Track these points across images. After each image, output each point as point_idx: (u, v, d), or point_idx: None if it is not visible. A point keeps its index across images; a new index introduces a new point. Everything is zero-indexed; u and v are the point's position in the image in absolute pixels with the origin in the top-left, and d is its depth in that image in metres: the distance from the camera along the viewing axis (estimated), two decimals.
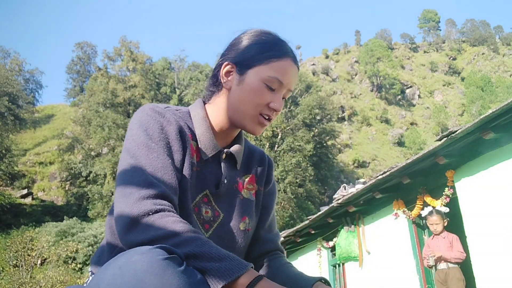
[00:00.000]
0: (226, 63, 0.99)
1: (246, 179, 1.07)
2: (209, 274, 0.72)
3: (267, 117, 0.97)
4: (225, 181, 1.00)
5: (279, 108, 0.96)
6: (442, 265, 4.29)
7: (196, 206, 0.94)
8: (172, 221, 0.78)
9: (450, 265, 4.35)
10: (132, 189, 0.81)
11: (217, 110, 1.01)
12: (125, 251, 0.68)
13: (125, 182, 0.83)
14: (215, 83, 1.02)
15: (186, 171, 0.92)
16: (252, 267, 0.75)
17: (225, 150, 1.02)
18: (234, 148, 1.03)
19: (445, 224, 4.53)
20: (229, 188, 1.02)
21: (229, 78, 0.99)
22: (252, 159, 1.11)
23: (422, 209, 5.52)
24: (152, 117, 0.91)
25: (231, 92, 0.98)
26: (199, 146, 0.97)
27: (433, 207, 4.84)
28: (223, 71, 0.99)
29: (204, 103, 1.05)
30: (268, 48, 0.96)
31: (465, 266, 4.55)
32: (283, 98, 0.99)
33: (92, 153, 33.33)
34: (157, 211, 0.78)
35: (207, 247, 0.75)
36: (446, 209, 4.85)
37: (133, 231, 0.78)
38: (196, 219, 0.93)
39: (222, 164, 1.00)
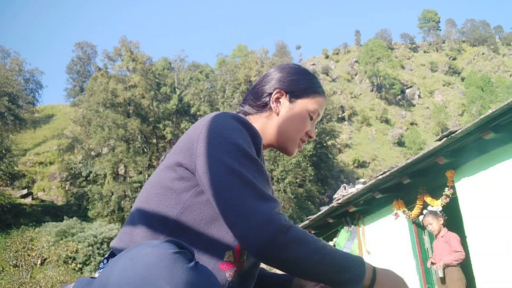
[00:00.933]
0: (278, 90, 1.11)
1: None
2: (344, 285, 0.83)
3: (303, 142, 1.15)
4: None
5: (314, 136, 1.16)
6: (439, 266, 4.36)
7: None
8: (303, 234, 0.83)
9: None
10: (262, 196, 0.81)
11: (260, 128, 1.09)
12: (137, 244, 0.70)
13: (240, 197, 0.80)
14: (262, 105, 1.11)
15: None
16: (363, 259, 0.88)
17: None
18: None
19: (441, 222, 4.51)
20: None
21: (278, 105, 1.11)
22: None
23: (422, 209, 5.53)
24: (242, 126, 0.91)
25: (280, 117, 1.10)
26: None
27: (426, 209, 4.92)
28: (274, 96, 1.11)
29: (245, 115, 1.12)
30: (314, 85, 1.14)
31: (465, 266, 4.55)
32: None
33: (92, 153, 33.35)
34: (288, 227, 0.81)
35: (336, 261, 0.83)
36: (439, 208, 4.88)
37: (277, 248, 0.78)
38: None
39: None
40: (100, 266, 0.99)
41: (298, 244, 0.80)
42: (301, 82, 1.12)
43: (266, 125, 1.10)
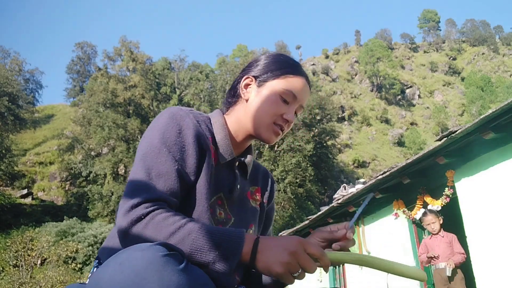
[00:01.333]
0: (246, 76, 1.08)
1: (253, 190, 1.14)
2: (214, 265, 0.76)
3: (280, 127, 1.04)
4: (238, 186, 1.05)
5: (291, 119, 1.04)
6: (441, 264, 4.22)
7: (211, 207, 0.98)
8: (162, 219, 0.79)
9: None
10: (126, 198, 0.84)
11: (234, 120, 1.08)
12: (126, 248, 0.68)
13: (127, 187, 0.87)
14: (234, 95, 1.10)
15: (205, 172, 0.95)
16: (244, 232, 0.80)
17: (239, 158, 1.08)
18: (247, 158, 1.11)
19: (441, 222, 4.49)
20: (240, 194, 1.07)
21: (247, 90, 1.07)
22: (257, 173, 1.18)
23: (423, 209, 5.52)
24: (172, 120, 0.95)
25: (249, 103, 1.06)
26: (218, 150, 1.03)
27: (425, 209, 4.87)
28: (242, 83, 1.08)
29: (223, 113, 1.11)
30: (285, 66, 1.06)
31: (465, 266, 4.54)
32: (295, 113, 1.07)
33: (92, 153, 33.33)
34: (146, 214, 0.80)
35: (200, 240, 0.77)
36: (438, 207, 4.90)
37: (126, 244, 0.79)
38: (211, 218, 0.97)
39: (236, 171, 1.06)
40: (91, 271, 1.00)
41: (154, 229, 0.78)
42: (271, 65, 1.07)
43: (239, 114, 1.07)
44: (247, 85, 1.07)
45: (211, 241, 0.77)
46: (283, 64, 1.06)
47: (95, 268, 0.97)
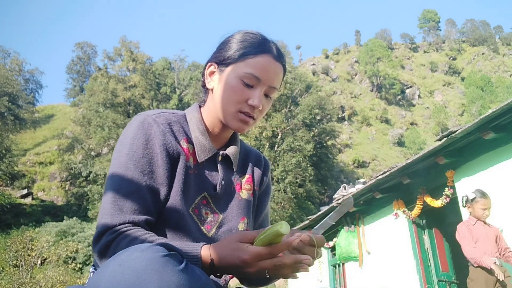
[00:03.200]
0: (209, 64, 1.03)
1: (244, 180, 1.09)
2: None
3: (248, 115, 0.97)
4: (223, 182, 1.01)
5: (257, 104, 0.95)
6: (495, 261, 3.34)
7: (196, 208, 0.96)
8: (125, 245, 0.79)
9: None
10: (97, 224, 0.86)
11: (208, 112, 1.03)
12: (126, 248, 0.68)
13: (100, 209, 0.88)
14: (203, 85, 1.06)
15: (179, 177, 0.93)
16: (198, 250, 0.78)
17: (221, 152, 1.04)
18: (230, 149, 1.06)
19: None
20: (227, 189, 1.04)
21: (212, 78, 1.02)
22: (248, 160, 1.13)
23: (422, 209, 5.52)
24: (139, 130, 0.93)
25: (214, 92, 1.00)
26: (195, 149, 0.99)
27: (477, 189, 3.82)
28: (207, 72, 1.03)
29: (200, 107, 1.07)
30: (246, 46, 0.97)
31: (465, 266, 4.54)
32: (267, 96, 1.00)
33: (92, 153, 33.32)
34: (110, 242, 0.82)
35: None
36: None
37: (100, 260, 0.85)
38: (197, 220, 0.95)
39: (219, 166, 1.03)
40: (90, 270, 1.00)
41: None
42: (229, 47, 0.99)
43: (210, 105, 1.02)
44: (211, 73, 1.02)
45: None
46: (243, 45, 0.97)
47: (91, 274, 0.97)
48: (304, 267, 0.77)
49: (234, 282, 1.07)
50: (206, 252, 0.79)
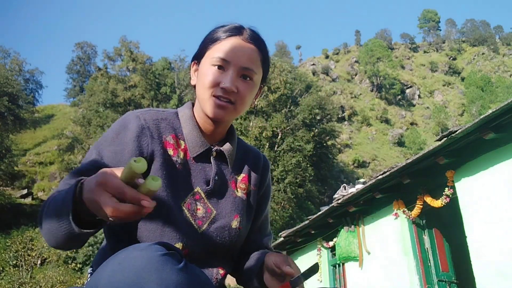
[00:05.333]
0: (192, 62, 1.06)
1: (239, 178, 1.09)
2: (64, 220, 0.75)
3: (222, 99, 0.95)
4: (216, 178, 1.01)
5: (228, 86, 0.94)
6: None
7: (188, 203, 0.96)
8: (51, 199, 0.83)
9: None
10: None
11: (196, 109, 1.05)
12: (125, 248, 0.68)
13: None
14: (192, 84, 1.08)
15: (160, 172, 0.94)
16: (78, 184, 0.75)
17: (215, 148, 1.04)
18: (225, 146, 1.06)
19: None
20: (222, 185, 1.04)
21: (195, 75, 1.05)
22: (246, 159, 1.13)
23: (422, 209, 5.52)
24: (116, 124, 0.98)
25: (196, 87, 1.02)
26: (187, 144, 1.00)
27: None
28: (192, 71, 1.06)
29: (193, 105, 1.09)
30: (216, 34, 1.00)
31: (465, 266, 4.55)
32: (247, 78, 0.98)
33: None
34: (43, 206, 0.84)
35: (48, 207, 0.81)
36: None
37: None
38: (189, 215, 0.95)
39: (213, 162, 1.03)
40: (89, 271, 1.00)
41: (41, 216, 0.82)
42: (204, 41, 1.02)
43: (197, 103, 1.04)
44: (195, 71, 1.05)
45: (58, 205, 0.77)
46: (213, 34, 1.00)
47: (89, 274, 0.98)
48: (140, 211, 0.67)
49: (234, 282, 1.07)
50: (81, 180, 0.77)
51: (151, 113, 0.99)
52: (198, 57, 1.03)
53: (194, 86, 1.05)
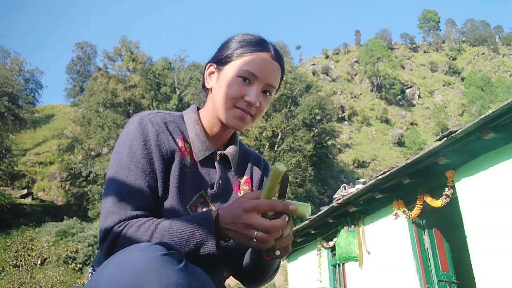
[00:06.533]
0: (209, 64, 1.06)
1: (242, 181, 1.11)
2: (201, 249, 0.81)
3: (244, 111, 0.98)
4: (220, 181, 1.03)
5: (253, 100, 0.96)
6: None
7: (193, 205, 0.97)
8: (134, 231, 0.83)
9: None
10: (102, 222, 0.87)
11: (207, 112, 1.06)
12: (125, 248, 0.69)
13: (102, 209, 0.89)
14: (203, 86, 1.08)
15: (174, 175, 0.95)
16: (209, 212, 0.84)
17: (219, 151, 1.05)
18: (229, 149, 1.07)
19: None
20: (225, 188, 1.05)
21: (211, 78, 1.04)
22: (247, 161, 1.15)
23: (422, 209, 5.52)
24: (137, 130, 0.95)
25: (213, 91, 1.03)
26: (192, 148, 1.01)
27: None
28: (207, 72, 1.06)
29: (198, 109, 1.10)
30: (244, 45, 1.00)
31: (465, 266, 4.55)
32: (267, 93, 1.01)
33: (92, 153, 33.31)
34: (120, 233, 0.83)
35: (175, 237, 0.81)
36: None
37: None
38: None
39: (217, 166, 1.04)
40: (89, 271, 1.00)
41: (130, 243, 0.77)
42: (228, 47, 1.02)
43: (209, 105, 1.05)
44: (211, 73, 1.05)
45: (186, 233, 0.81)
46: (242, 44, 1.01)
47: (90, 274, 0.98)
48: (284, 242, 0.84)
49: (234, 282, 1.07)
50: (214, 212, 0.85)
51: (161, 116, 1.01)
52: (218, 62, 1.03)
53: (207, 89, 1.06)
